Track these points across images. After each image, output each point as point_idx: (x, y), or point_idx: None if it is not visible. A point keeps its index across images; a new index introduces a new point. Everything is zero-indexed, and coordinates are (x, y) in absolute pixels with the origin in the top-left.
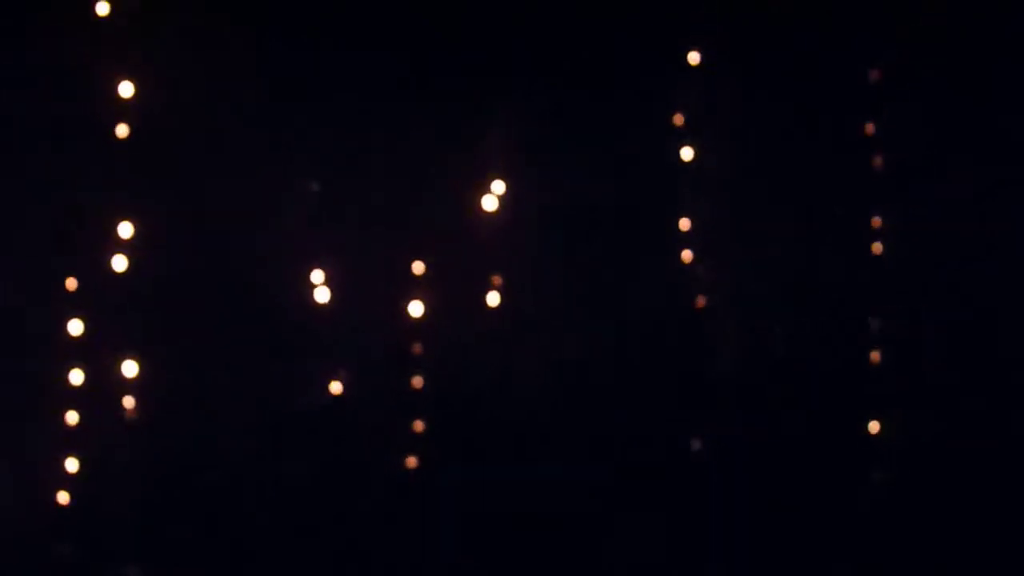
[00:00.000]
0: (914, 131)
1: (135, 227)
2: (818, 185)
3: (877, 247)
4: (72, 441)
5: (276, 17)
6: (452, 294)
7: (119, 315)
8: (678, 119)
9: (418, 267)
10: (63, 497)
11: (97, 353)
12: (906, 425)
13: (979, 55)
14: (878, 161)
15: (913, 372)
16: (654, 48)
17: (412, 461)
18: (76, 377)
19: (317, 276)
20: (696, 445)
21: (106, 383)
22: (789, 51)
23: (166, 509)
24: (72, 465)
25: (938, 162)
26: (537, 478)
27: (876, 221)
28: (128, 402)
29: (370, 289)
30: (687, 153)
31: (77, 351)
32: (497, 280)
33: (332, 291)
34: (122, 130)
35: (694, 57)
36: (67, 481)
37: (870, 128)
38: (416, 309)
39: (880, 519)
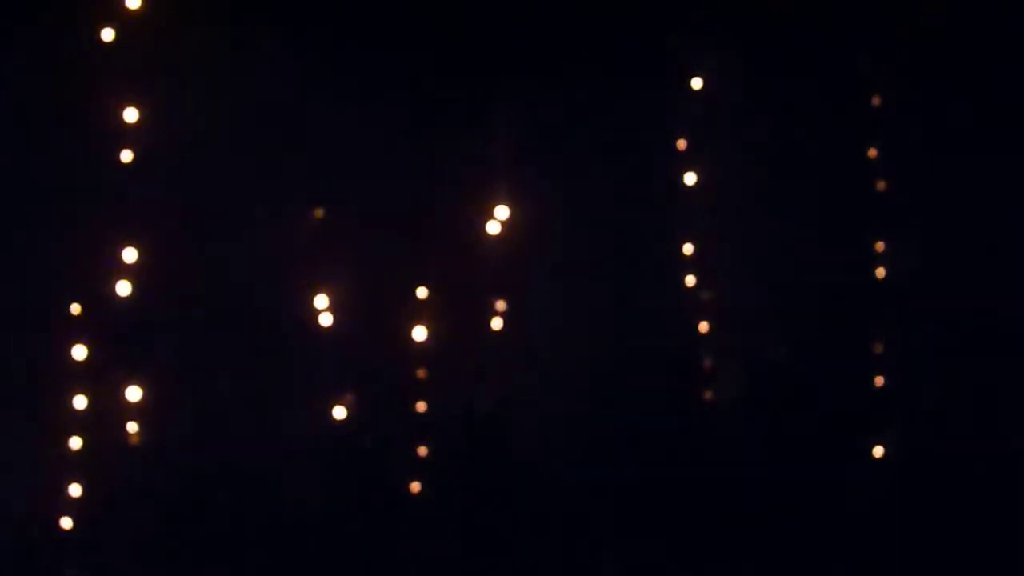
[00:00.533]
0: (916, 155)
1: (139, 252)
2: (821, 209)
3: (880, 271)
4: (76, 466)
5: (280, 44)
6: (456, 319)
7: (123, 340)
8: (681, 144)
9: (422, 292)
10: (66, 522)
11: (101, 378)
12: (909, 447)
13: (982, 76)
14: (881, 185)
15: (916, 395)
16: (657, 73)
17: (416, 486)
18: (80, 402)
19: (321, 301)
20: (698, 470)
21: (110, 408)
22: (791, 76)
23: (170, 534)
24: (76, 490)
25: (941, 186)
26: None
27: (879, 245)
28: (132, 427)
29: (374, 314)
30: (690, 178)
31: (81, 376)
32: (500, 305)
33: (336, 316)
34: (127, 155)
35: (697, 82)
36: (71, 506)
37: (872, 152)
38: (420, 334)
39: (881, 537)
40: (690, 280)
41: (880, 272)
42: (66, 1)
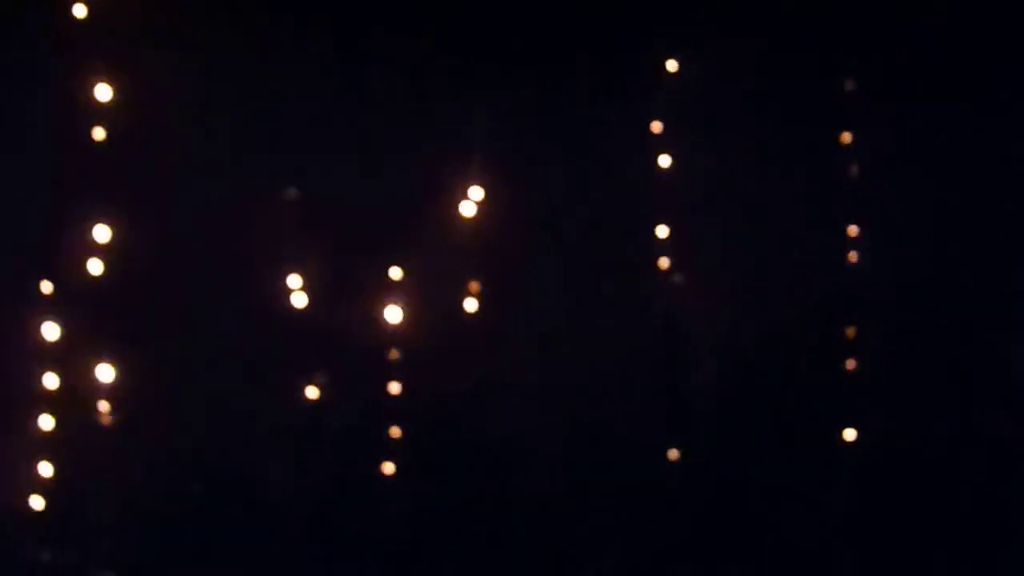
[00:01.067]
0: (890, 140)
1: (111, 231)
2: (794, 193)
3: (853, 255)
4: (46, 446)
5: (254, 22)
6: (430, 300)
7: (95, 319)
8: (656, 126)
9: (396, 272)
10: (37, 502)
11: (72, 357)
12: (882, 433)
13: (957, 63)
14: (854, 170)
15: (888, 380)
16: (632, 55)
17: (389, 468)
18: (50, 381)
19: (294, 281)
20: (673, 455)
21: (81, 388)
22: (766, 59)
23: (142, 515)
24: (46, 470)
25: (914, 171)
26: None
27: (852, 230)
28: (103, 407)
29: (347, 294)
30: (665, 160)
31: (52, 355)
32: (475, 286)
33: (309, 296)
34: (99, 133)
35: (672, 64)
36: (41, 486)
37: (846, 137)
38: (393, 314)
39: (856, 526)
40: (664, 262)
41: (852, 256)
42: None
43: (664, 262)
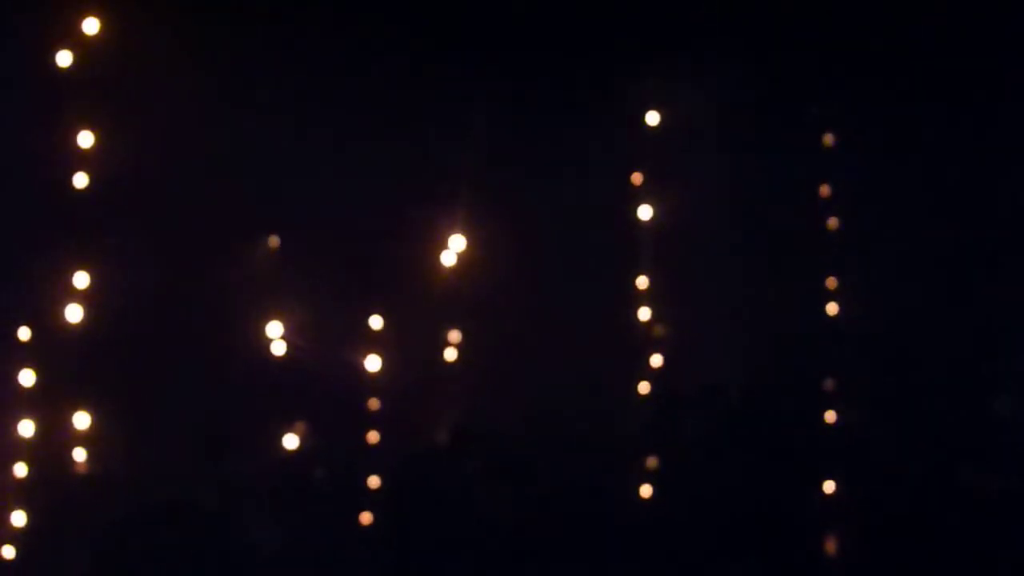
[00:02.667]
0: (868, 193)
1: (90, 277)
2: (774, 244)
3: (832, 307)
4: (20, 494)
5: (233, 70)
6: (409, 349)
7: (72, 366)
8: (636, 178)
9: (375, 321)
10: (8, 551)
11: (48, 404)
12: (860, 485)
13: (931, 115)
14: (833, 222)
15: (867, 432)
16: (613, 108)
17: (367, 517)
18: (26, 428)
19: (274, 330)
20: (647, 492)
21: (57, 435)
22: (745, 112)
23: (116, 564)
24: (19, 519)
25: (893, 223)
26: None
27: (831, 282)
28: (78, 455)
29: (327, 343)
30: (645, 212)
31: (28, 402)
32: (454, 335)
33: (288, 345)
34: (81, 180)
35: (652, 117)
36: (14, 536)
37: (825, 190)
38: (373, 364)
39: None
40: (644, 313)
41: (832, 308)
42: (24, 25)
43: (644, 312)
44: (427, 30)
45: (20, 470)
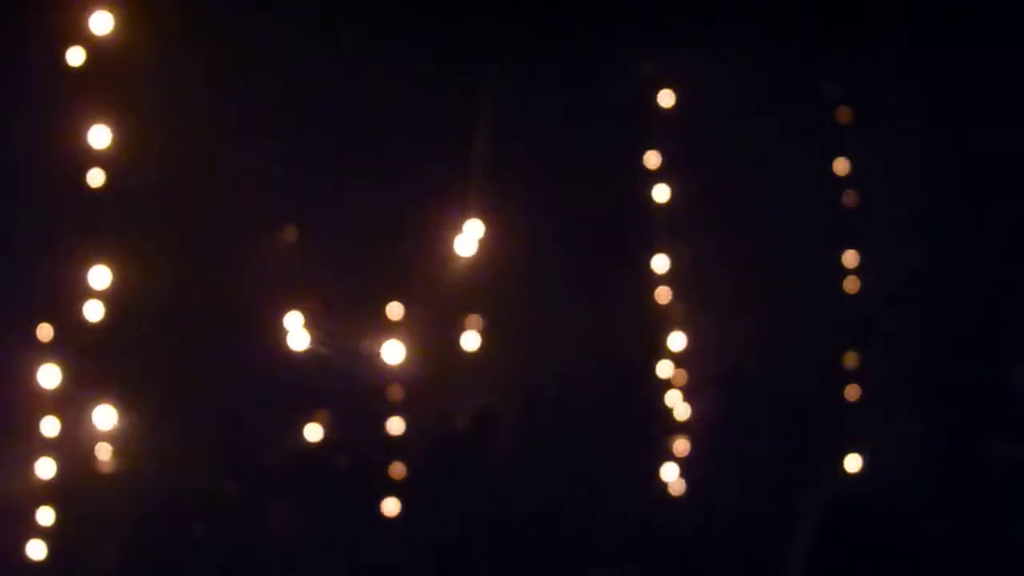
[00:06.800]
0: (885, 168)
1: (110, 274)
2: (791, 222)
3: (850, 283)
4: (47, 492)
5: (248, 65)
6: (430, 337)
7: (94, 364)
8: (651, 158)
9: (396, 310)
10: (37, 549)
11: (72, 402)
12: (881, 457)
13: (953, 89)
14: (850, 198)
15: (888, 407)
16: (628, 89)
17: (390, 505)
18: (50, 426)
19: (294, 321)
20: (668, 475)
21: (81, 432)
22: (761, 90)
23: (142, 558)
24: (47, 517)
25: (910, 197)
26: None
27: (849, 257)
28: (103, 451)
29: (348, 334)
30: (661, 192)
31: (52, 400)
32: (474, 322)
33: (309, 335)
34: (97, 178)
35: (666, 96)
36: (41, 533)
37: (841, 165)
38: (394, 353)
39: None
40: (662, 294)
41: (850, 284)
42: (36, 24)
43: (662, 293)
44: (441, 13)
45: (46, 468)
